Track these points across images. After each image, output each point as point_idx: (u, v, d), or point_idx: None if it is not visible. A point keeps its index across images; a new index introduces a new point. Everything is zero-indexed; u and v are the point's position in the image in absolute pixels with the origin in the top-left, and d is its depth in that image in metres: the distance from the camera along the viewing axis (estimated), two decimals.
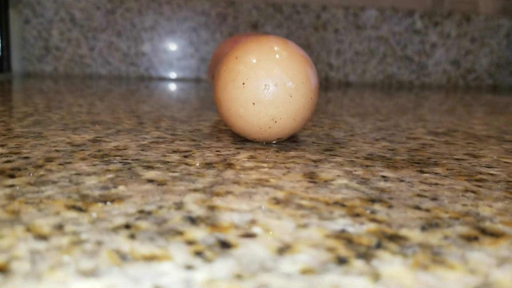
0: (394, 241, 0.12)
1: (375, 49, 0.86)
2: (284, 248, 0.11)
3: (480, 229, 0.13)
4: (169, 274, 0.10)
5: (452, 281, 0.10)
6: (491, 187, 0.17)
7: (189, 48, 0.80)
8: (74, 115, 0.32)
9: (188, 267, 0.10)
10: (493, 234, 0.13)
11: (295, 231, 0.12)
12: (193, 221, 0.13)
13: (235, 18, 0.80)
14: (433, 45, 0.88)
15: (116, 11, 0.77)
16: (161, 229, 0.12)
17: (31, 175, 0.17)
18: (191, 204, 0.14)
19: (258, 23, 0.81)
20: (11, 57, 0.73)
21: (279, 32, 0.82)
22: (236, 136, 0.27)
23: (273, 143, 0.25)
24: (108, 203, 0.14)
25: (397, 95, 0.61)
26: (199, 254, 0.11)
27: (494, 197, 0.16)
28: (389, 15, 0.85)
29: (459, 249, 0.12)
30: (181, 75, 0.81)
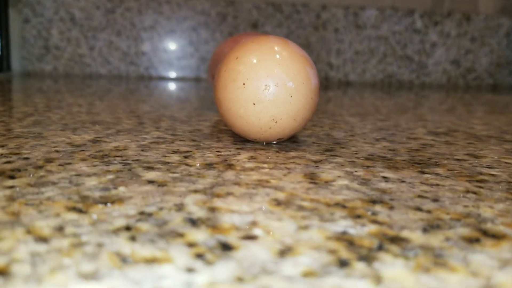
0: (396, 243, 0.12)
1: (375, 49, 0.86)
2: (285, 250, 0.11)
3: (482, 230, 0.13)
4: (170, 277, 0.10)
5: (454, 283, 0.10)
6: (492, 188, 0.17)
7: (189, 48, 0.80)
8: (74, 115, 0.32)
9: (189, 269, 0.10)
10: (494, 236, 0.13)
11: (296, 233, 0.12)
12: (193, 222, 0.13)
13: (235, 18, 0.80)
14: (433, 45, 0.88)
15: (116, 11, 0.77)
16: (161, 231, 0.12)
17: (31, 176, 0.17)
18: (192, 206, 0.14)
19: (258, 22, 0.81)
20: (11, 56, 0.73)
21: (279, 31, 0.82)
22: (236, 136, 0.27)
23: (274, 143, 0.25)
24: (109, 205, 0.14)
25: (397, 95, 0.61)
26: (200, 256, 0.11)
27: (495, 198, 0.16)
28: (389, 14, 0.85)
29: (460, 251, 0.11)
30: (181, 74, 0.80)
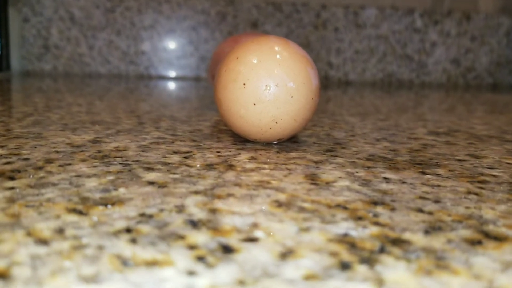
0: (398, 245, 0.12)
1: (375, 48, 0.86)
2: (286, 252, 0.11)
3: (484, 232, 0.13)
4: (171, 280, 0.10)
5: (456, 286, 0.10)
6: (493, 189, 0.17)
7: (188, 47, 0.80)
8: (74, 115, 0.32)
9: (190, 272, 0.10)
10: (496, 238, 0.12)
11: (297, 235, 0.12)
12: (194, 224, 0.13)
13: (234, 17, 0.80)
14: (433, 44, 0.88)
15: (116, 10, 0.77)
16: (162, 233, 0.12)
17: (31, 177, 0.17)
18: (192, 207, 0.14)
19: (258, 21, 0.81)
20: (10, 55, 0.73)
21: (279, 30, 0.82)
22: (237, 136, 0.27)
23: (274, 143, 0.25)
24: (109, 206, 0.14)
25: (397, 94, 0.61)
26: (201, 259, 0.11)
27: (497, 199, 0.16)
28: (389, 13, 0.85)
29: (463, 253, 0.11)
30: (180, 73, 0.80)
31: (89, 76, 0.73)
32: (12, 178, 0.17)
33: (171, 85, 0.63)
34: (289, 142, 0.25)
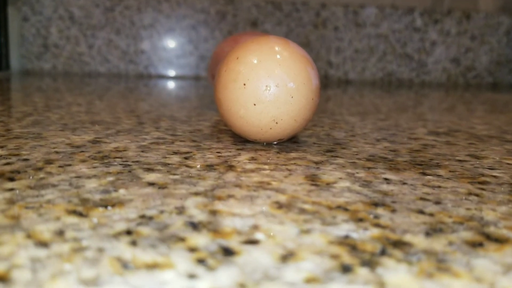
0: (399, 248, 0.12)
1: (374, 47, 0.86)
2: (287, 255, 0.11)
3: (485, 234, 0.13)
4: (171, 283, 0.10)
5: None
6: (494, 190, 0.17)
7: (188, 46, 0.80)
8: (74, 115, 0.32)
9: (191, 275, 0.10)
10: (497, 240, 0.12)
11: (298, 237, 0.12)
12: (194, 226, 0.13)
13: (234, 16, 0.80)
14: (433, 43, 0.88)
15: (115, 9, 0.77)
16: (162, 235, 0.12)
17: (31, 178, 0.17)
18: (193, 209, 0.14)
19: (257, 20, 0.81)
20: (10, 55, 0.72)
21: (279, 29, 0.82)
22: (237, 136, 0.27)
23: (274, 144, 0.25)
24: (109, 208, 0.14)
25: (397, 93, 0.61)
26: (201, 262, 0.11)
27: (497, 200, 0.16)
28: (389, 12, 0.85)
29: (464, 256, 0.11)
30: (180, 73, 0.80)
31: (88, 75, 0.73)
32: (12, 179, 0.17)
33: (171, 84, 0.63)
34: (289, 143, 0.25)
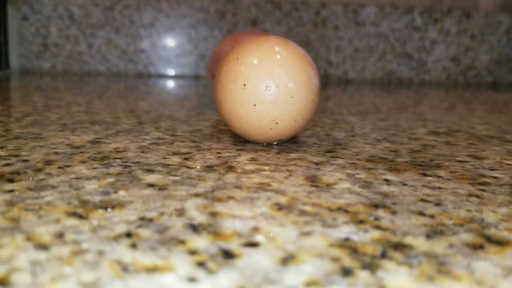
0: (399, 250, 0.12)
1: (374, 46, 0.85)
2: (288, 258, 0.11)
3: (485, 236, 0.13)
4: (171, 287, 0.10)
5: None
6: (494, 191, 0.17)
7: (188, 45, 0.80)
8: (73, 115, 0.32)
9: (191, 279, 0.10)
10: (498, 242, 0.12)
11: (298, 239, 0.12)
12: (195, 228, 0.13)
13: (234, 15, 0.80)
14: (433, 42, 0.88)
15: (115, 8, 0.77)
16: (162, 238, 0.12)
17: (31, 179, 0.17)
18: (193, 210, 0.14)
19: (257, 19, 0.81)
20: (9, 54, 0.72)
21: (278, 28, 0.82)
22: (237, 137, 0.27)
23: (274, 144, 0.25)
24: (109, 210, 0.14)
25: (397, 92, 0.61)
26: (202, 265, 0.11)
27: (498, 202, 0.16)
28: (388, 11, 0.85)
29: (464, 258, 0.11)
30: (180, 72, 0.80)
31: (88, 74, 0.73)
32: (11, 181, 0.16)
33: (170, 84, 0.63)
34: (289, 143, 0.25)
